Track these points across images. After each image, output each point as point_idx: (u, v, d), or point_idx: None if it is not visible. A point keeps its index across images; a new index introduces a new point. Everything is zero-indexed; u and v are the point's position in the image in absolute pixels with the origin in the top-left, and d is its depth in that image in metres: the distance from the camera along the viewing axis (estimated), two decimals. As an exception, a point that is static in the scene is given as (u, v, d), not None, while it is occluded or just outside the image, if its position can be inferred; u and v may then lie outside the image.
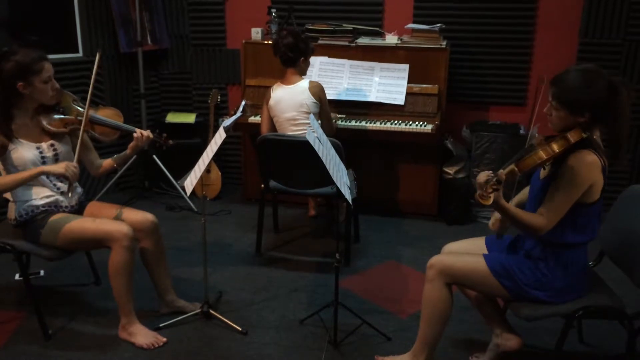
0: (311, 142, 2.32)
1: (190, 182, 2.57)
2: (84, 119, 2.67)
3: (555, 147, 2.09)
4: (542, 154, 2.10)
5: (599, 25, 4.07)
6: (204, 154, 2.62)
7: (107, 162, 2.88)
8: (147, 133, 2.78)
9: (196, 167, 2.63)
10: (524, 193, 2.46)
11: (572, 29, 4.14)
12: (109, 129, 2.82)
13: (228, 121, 2.64)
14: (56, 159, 2.69)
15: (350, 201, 2.41)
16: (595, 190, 2.12)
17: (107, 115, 2.83)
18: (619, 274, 2.41)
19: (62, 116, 2.70)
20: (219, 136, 2.54)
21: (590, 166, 2.08)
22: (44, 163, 2.65)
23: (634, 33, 4.03)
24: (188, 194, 2.59)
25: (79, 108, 2.75)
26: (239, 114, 2.75)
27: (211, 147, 2.57)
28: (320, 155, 2.34)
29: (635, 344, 2.27)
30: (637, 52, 4.07)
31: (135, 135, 2.76)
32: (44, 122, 2.65)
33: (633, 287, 2.28)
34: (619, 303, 2.25)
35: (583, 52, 4.14)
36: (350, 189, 2.50)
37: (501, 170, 2.08)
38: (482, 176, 2.09)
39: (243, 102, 2.89)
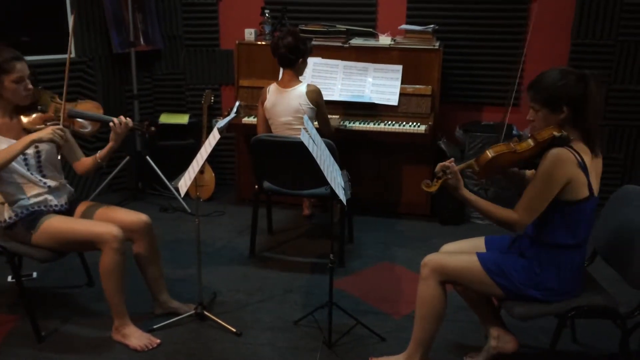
0: (305, 142, 2.32)
1: (184, 183, 2.56)
2: (61, 114, 2.64)
3: (520, 146, 2.14)
4: (502, 147, 2.16)
5: (591, 26, 4.10)
6: (198, 155, 2.61)
7: (88, 159, 2.81)
8: (125, 121, 2.71)
9: (190, 168, 2.62)
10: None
11: (564, 30, 4.16)
12: (89, 122, 2.79)
13: (222, 122, 2.63)
14: (38, 156, 2.67)
15: (344, 202, 2.41)
16: (576, 187, 2.12)
17: (86, 108, 2.81)
18: (611, 273, 2.42)
19: (40, 114, 2.69)
20: (213, 137, 2.54)
21: (562, 162, 2.09)
22: (25, 160, 2.64)
23: (626, 34, 4.06)
24: (182, 195, 2.58)
25: (56, 104, 2.74)
26: (232, 114, 2.74)
27: (205, 148, 2.57)
28: (314, 155, 2.34)
29: (629, 342, 2.28)
30: (629, 53, 4.09)
31: (110, 124, 2.69)
32: (24, 121, 2.64)
33: (626, 286, 2.29)
34: (612, 302, 2.26)
35: (575, 52, 4.16)
36: (344, 189, 2.50)
37: (452, 163, 2.16)
38: (438, 166, 2.18)
39: (237, 103, 2.88)
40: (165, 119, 4.62)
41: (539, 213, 2.15)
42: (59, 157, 2.66)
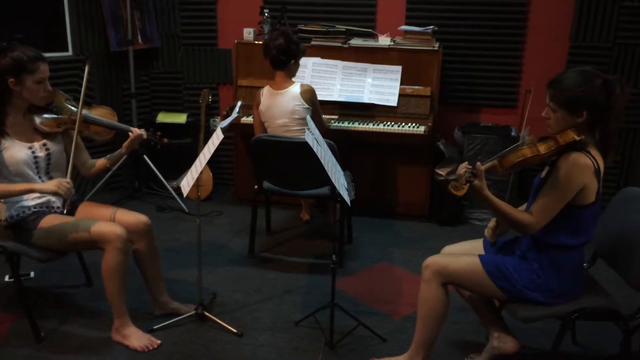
0: (310, 143, 2.31)
1: (186, 183, 2.55)
2: (77, 119, 2.64)
3: (542, 148, 2.10)
4: (527, 152, 2.11)
5: (589, 29, 4.12)
6: (201, 155, 2.60)
7: (100, 162, 2.85)
8: (141, 132, 2.76)
9: (193, 168, 2.61)
10: None
11: (562, 33, 4.18)
12: (103, 129, 2.80)
13: (225, 122, 2.62)
14: (48, 158, 2.66)
15: (348, 202, 2.41)
16: (589, 193, 2.13)
17: (101, 114, 2.81)
18: (611, 275, 2.43)
19: (55, 116, 2.67)
20: (217, 137, 2.52)
21: (581, 168, 2.09)
22: (35, 163, 2.62)
23: (624, 37, 4.08)
24: (185, 195, 2.56)
25: (72, 107, 2.73)
26: (235, 114, 2.73)
27: (208, 147, 2.55)
28: (318, 156, 2.33)
29: (631, 344, 2.29)
30: (626, 56, 4.12)
31: (130, 134, 2.74)
32: (37, 122, 2.62)
33: (626, 288, 2.31)
34: (614, 304, 2.27)
35: (573, 55, 4.18)
36: (348, 190, 2.50)
37: (479, 163, 2.11)
38: (462, 168, 2.12)
39: (239, 103, 2.87)
40: (163, 117, 4.59)
41: (553, 216, 2.14)
42: (68, 174, 2.64)
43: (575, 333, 2.78)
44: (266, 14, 4.20)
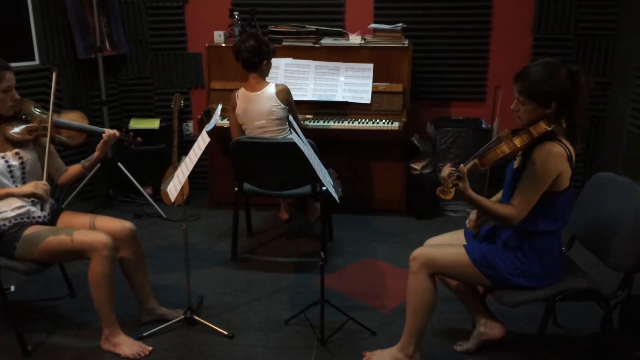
0: (297, 143, 2.34)
1: (174, 187, 2.54)
2: (48, 125, 2.61)
3: (518, 142, 2.18)
4: (505, 148, 2.18)
5: (550, 21, 4.26)
6: (187, 160, 2.59)
7: (74, 168, 2.82)
8: (114, 132, 2.74)
9: (179, 172, 2.60)
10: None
11: (525, 26, 4.31)
12: (75, 132, 2.78)
13: (210, 125, 2.64)
14: (23, 167, 2.63)
15: (337, 199, 2.44)
16: (564, 179, 2.22)
17: (72, 118, 2.80)
18: (588, 258, 2.54)
19: (25, 124, 2.64)
20: (202, 140, 2.53)
21: (555, 157, 2.17)
22: (10, 172, 2.59)
23: (584, 28, 4.24)
24: (173, 200, 2.56)
25: (41, 114, 2.70)
26: (217, 117, 2.74)
27: (194, 152, 2.56)
28: (306, 155, 2.37)
29: (612, 321, 2.39)
30: (587, 47, 4.27)
31: (103, 135, 2.72)
32: (8, 132, 2.58)
33: (603, 269, 2.41)
34: (595, 284, 2.37)
35: (537, 47, 4.32)
36: (334, 187, 2.54)
37: (462, 165, 2.17)
38: (445, 171, 2.18)
39: (220, 106, 2.88)
40: (135, 124, 4.54)
41: (533, 206, 2.21)
42: (44, 177, 2.60)
43: (556, 315, 2.88)
44: (236, 16, 4.21)
